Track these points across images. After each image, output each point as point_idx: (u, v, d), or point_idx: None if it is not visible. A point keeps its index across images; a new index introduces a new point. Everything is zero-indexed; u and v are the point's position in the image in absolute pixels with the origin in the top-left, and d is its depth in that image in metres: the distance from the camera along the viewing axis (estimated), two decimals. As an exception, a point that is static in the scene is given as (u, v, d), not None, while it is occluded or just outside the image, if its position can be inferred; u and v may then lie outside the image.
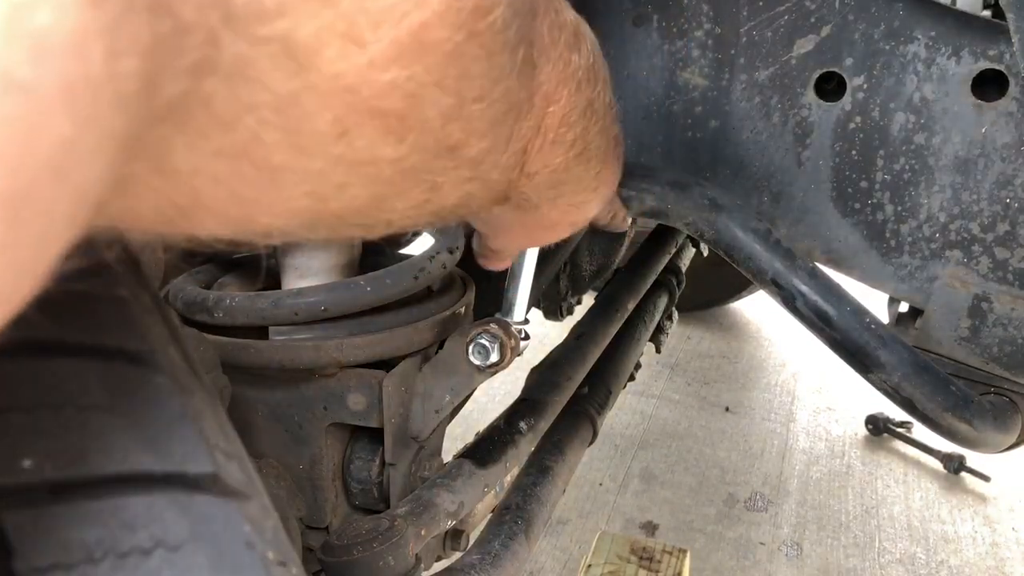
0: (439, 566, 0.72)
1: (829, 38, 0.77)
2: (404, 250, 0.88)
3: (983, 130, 0.74)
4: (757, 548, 1.86)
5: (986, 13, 0.72)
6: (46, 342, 0.30)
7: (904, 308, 0.87)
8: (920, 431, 2.26)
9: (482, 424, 0.88)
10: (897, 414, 2.30)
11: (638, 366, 1.28)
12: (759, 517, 1.96)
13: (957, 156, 0.76)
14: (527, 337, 0.75)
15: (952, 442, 0.78)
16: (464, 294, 0.82)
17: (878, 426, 2.31)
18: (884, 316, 0.86)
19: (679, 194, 0.80)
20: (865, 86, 0.77)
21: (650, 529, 1.92)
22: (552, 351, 1.00)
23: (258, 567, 0.33)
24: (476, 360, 0.71)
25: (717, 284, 2.74)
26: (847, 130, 0.80)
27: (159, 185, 0.22)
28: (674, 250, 1.47)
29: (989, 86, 0.73)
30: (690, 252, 1.66)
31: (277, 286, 0.75)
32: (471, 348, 0.71)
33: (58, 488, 0.28)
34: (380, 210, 0.31)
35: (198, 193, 0.23)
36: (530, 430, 0.84)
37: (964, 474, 2.15)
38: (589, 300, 1.21)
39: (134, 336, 0.35)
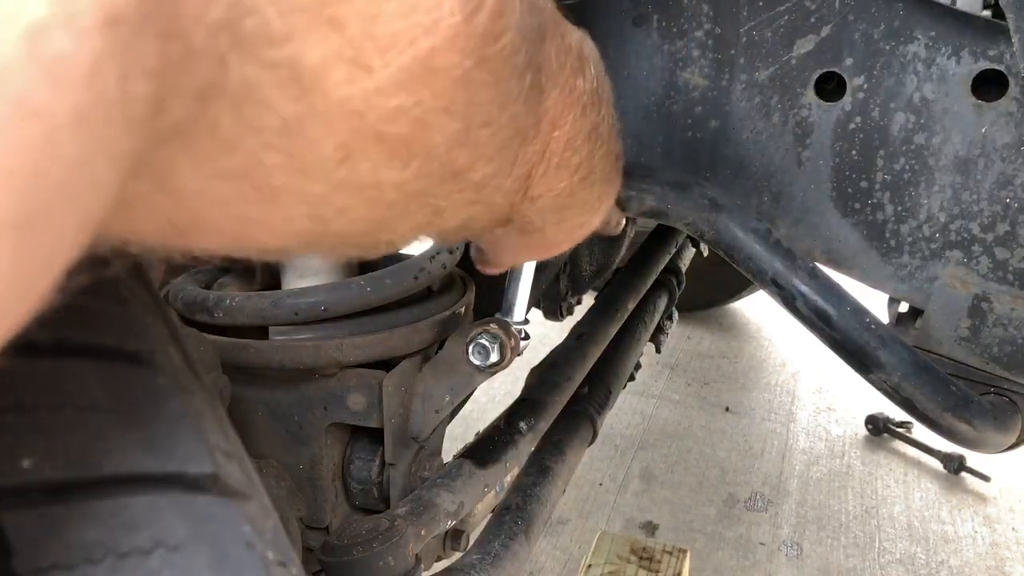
0: (439, 566, 0.72)
1: (829, 38, 0.77)
2: (404, 250, 0.88)
3: (983, 130, 0.74)
4: (757, 548, 1.86)
5: (986, 13, 0.72)
6: (46, 342, 0.30)
7: (904, 308, 0.87)
8: (920, 431, 2.26)
9: (482, 424, 0.88)
10: (897, 414, 2.30)
11: (638, 366, 1.28)
12: (759, 517, 1.96)
13: (957, 156, 0.76)
14: (527, 337, 0.75)
15: (952, 442, 0.78)
16: (464, 294, 0.82)
17: (878, 426, 2.30)
18: (884, 316, 0.86)
19: (679, 194, 0.80)
20: (865, 86, 0.77)
21: (650, 529, 1.92)
22: (552, 351, 1.00)
23: (258, 567, 0.33)
24: (476, 360, 0.71)
25: (717, 284, 2.74)
26: (847, 130, 0.80)
27: (161, 203, 0.22)
28: (674, 250, 1.47)
29: (989, 86, 0.73)
30: (690, 252, 1.66)
31: (277, 286, 0.75)
32: (471, 348, 0.71)
33: (58, 488, 0.28)
34: (381, 232, 0.30)
35: (199, 212, 0.23)
36: (530, 430, 0.84)
37: (964, 474, 2.15)
38: (589, 300, 1.21)
39: (134, 336, 0.35)
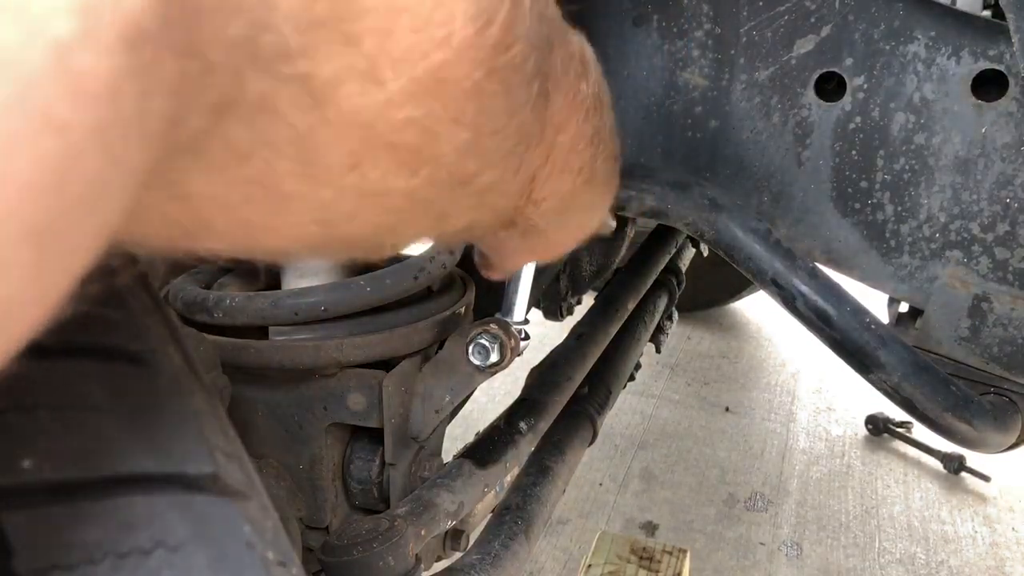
0: (439, 566, 0.72)
1: (829, 38, 0.77)
2: (404, 250, 0.88)
3: (983, 130, 0.74)
4: (757, 548, 1.86)
5: (986, 13, 0.72)
6: (46, 343, 0.30)
7: (904, 308, 0.87)
8: (920, 431, 2.26)
9: (482, 424, 0.88)
10: (897, 414, 2.29)
11: (638, 366, 1.28)
12: (759, 517, 1.96)
13: (957, 156, 0.76)
14: (527, 337, 0.75)
15: (952, 442, 0.78)
16: (464, 294, 0.82)
17: (878, 426, 2.30)
18: (884, 316, 0.86)
19: (679, 194, 0.80)
20: (865, 86, 0.77)
21: (650, 529, 1.92)
22: (552, 351, 1.00)
23: (258, 567, 0.33)
24: (476, 360, 0.71)
25: (717, 284, 2.74)
26: (847, 130, 0.80)
27: (171, 210, 0.23)
28: (674, 250, 1.47)
29: (989, 86, 0.73)
30: (690, 252, 1.66)
31: (277, 286, 0.75)
32: (471, 348, 0.71)
33: (58, 488, 0.28)
34: (386, 236, 0.31)
35: (208, 217, 0.24)
36: (530, 430, 0.84)
37: (964, 474, 2.15)
38: (589, 300, 1.21)
39: (134, 336, 0.35)
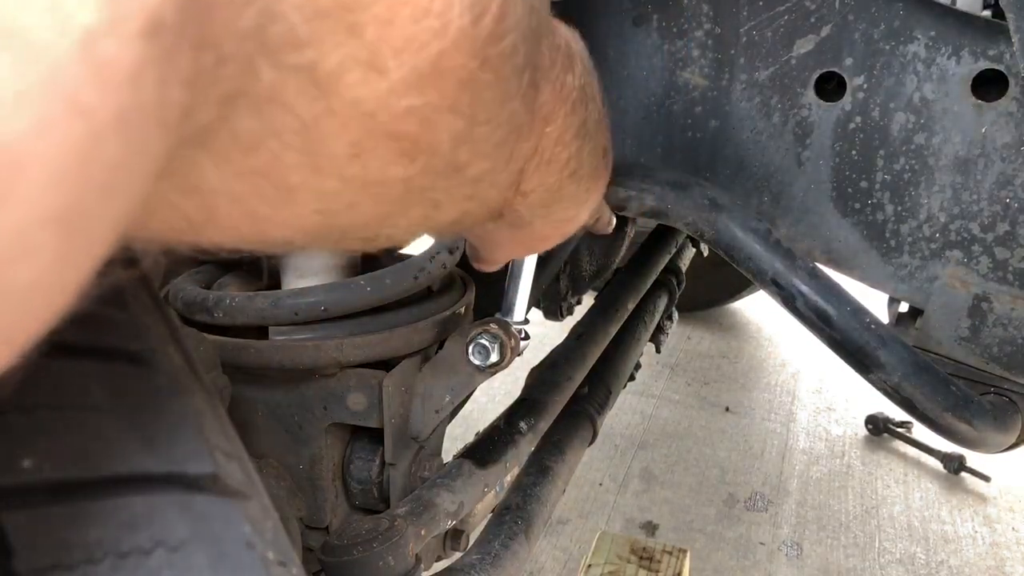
0: (439, 566, 0.72)
1: (829, 38, 0.77)
2: (404, 250, 0.88)
3: (983, 130, 0.74)
4: (757, 548, 1.86)
5: (986, 13, 0.72)
6: (46, 342, 0.30)
7: (904, 308, 0.87)
8: (920, 431, 2.26)
9: (482, 424, 0.88)
10: (897, 414, 2.29)
11: (638, 366, 1.28)
12: (759, 517, 1.96)
13: (957, 156, 0.76)
14: (527, 337, 0.75)
15: (952, 442, 0.78)
16: (464, 294, 0.82)
17: (878, 426, 2.30)
18: (884, 316, 0.86)
19: (679, 194, 0.80)
20: (865, 86, 0.77)
21: (650, 529, 1.92)
22: (552, 351, 1.00)
23: (258, 567, 0.33)
24: (476, 360, 0.71)
25: (717, 284, 2.74)
26: (847, 130, 0.80)
27: (176, 201, 0.23)
28: (674, 250, 1.47)
29: (989, 86, 0.73)
30: (690, 252, 1.66)
31: (277, 286, 0.75)
32: (471, 348, 0.71)
33: (58, 488, 0.28)
34: (383, 226, 0.31)
35: (214, 210, 0.24)
36: (530, 430, 0.84)
37: (964, 474, 2.15)
38: (589, 300, 1.21)
39: (134, 336, 0.35)
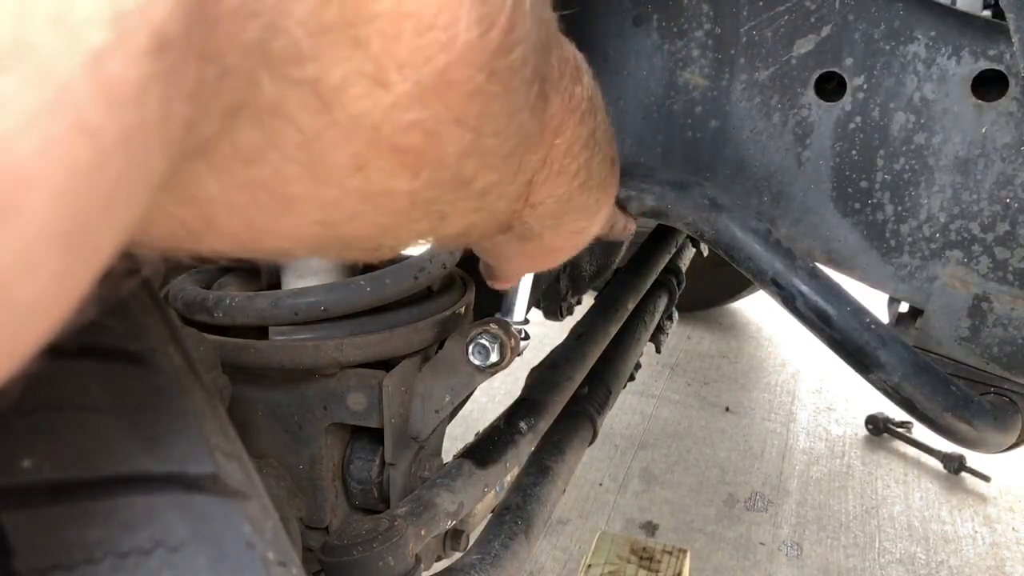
0: (439, 566, 0.72)
1: (829, 38, 0.77)
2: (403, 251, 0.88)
3: (983, 130, 0.74)
4: (757, 548, 1.86)
5: (986, 13, 0.72)
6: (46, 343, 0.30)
7: (904, 308, 0.87)
8: (920, 431, 2.26)
9: (482, 424, 0.88)
10: (897, 414, 2.29)
11: (638, 366, 1.28)
12: (759, 517, 1.96)
13: (957, 156, 0.76)
14: (527, 337, 0.75)
15: (952, 442, 0.78)
16: (464, 294, 0.82)
17: (878, 426, 2.30)
18: (884, 316, 0.86)
19: (679, 194, 0.80)
20: (865, 86, 0.77)
21: (650, 529, 1.92)
22: (552, 351, 1.00)
23: (258, 567, 0.33)
24: (476, 360, 0.71)
25: (717, 284, 2.74)
26: (847, 130, 0.80)
27: (176, 211, 0.23)
28: (674, 250, 1.47)
29: (989, 86, 0.73)
30: (690, 252, 1.66)
31: (277, 286, 0.75)
32: (471, 348, 0.71)
33: (58, 488, 0.28)
34: (385, 237, 0.31)
35: (213, 219, 0.24)
36: (530, 430, 0.83)
37: (964, 474, 2.15)
38: (589, 300, 1.21)
39: (134, 336, 0.35)
